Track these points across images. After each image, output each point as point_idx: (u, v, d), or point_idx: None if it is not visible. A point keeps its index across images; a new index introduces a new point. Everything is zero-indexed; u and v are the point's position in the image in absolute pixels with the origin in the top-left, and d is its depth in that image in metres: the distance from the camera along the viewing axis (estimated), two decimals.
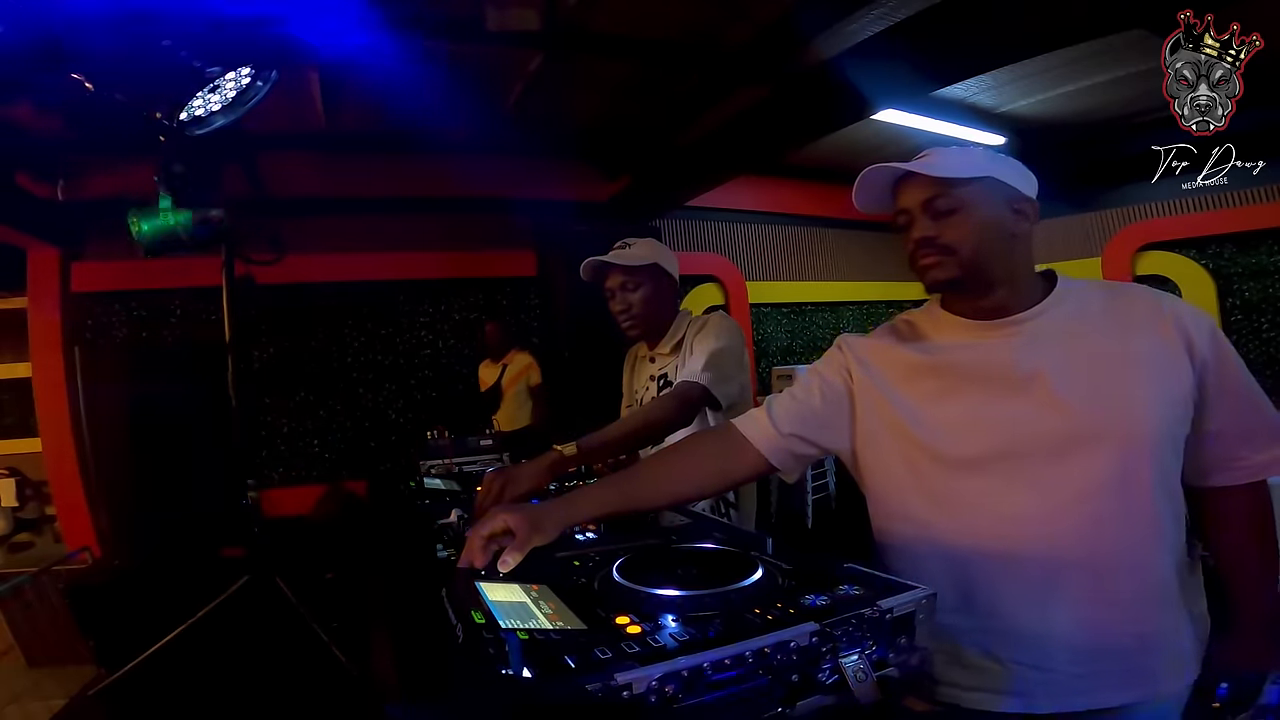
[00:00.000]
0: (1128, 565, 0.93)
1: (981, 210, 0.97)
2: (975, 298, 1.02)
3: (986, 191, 0.97)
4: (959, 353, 1.03)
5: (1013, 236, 0.99)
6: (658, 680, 0.61)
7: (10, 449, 4.74)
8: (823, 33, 3.03)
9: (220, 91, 1.80)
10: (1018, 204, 0.99)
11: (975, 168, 0.97)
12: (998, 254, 0.98)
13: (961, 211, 0.97)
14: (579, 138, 4.61)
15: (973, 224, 0.97)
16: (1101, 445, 0.92)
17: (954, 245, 0.97)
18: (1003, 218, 0.98)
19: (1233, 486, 1.00)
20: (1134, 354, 0.94)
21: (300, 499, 4.47)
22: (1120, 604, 0.93)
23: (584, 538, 1.17)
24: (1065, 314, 0.99)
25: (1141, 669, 0.93)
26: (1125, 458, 0.92)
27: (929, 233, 0.99)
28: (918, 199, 0.99)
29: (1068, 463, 0.93)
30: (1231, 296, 4.80)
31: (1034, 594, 0.94)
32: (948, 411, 1.01)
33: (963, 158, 0.99)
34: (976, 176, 0.97)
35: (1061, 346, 0.96)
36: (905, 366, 1.07)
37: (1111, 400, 0.93)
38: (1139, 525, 0.93)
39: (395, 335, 4.84)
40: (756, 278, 5.99)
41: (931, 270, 1.00)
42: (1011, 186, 0.98)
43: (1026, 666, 0.95)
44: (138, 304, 4.32)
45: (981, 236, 0.97)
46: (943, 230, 0.98)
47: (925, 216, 0.99)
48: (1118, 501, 0.92)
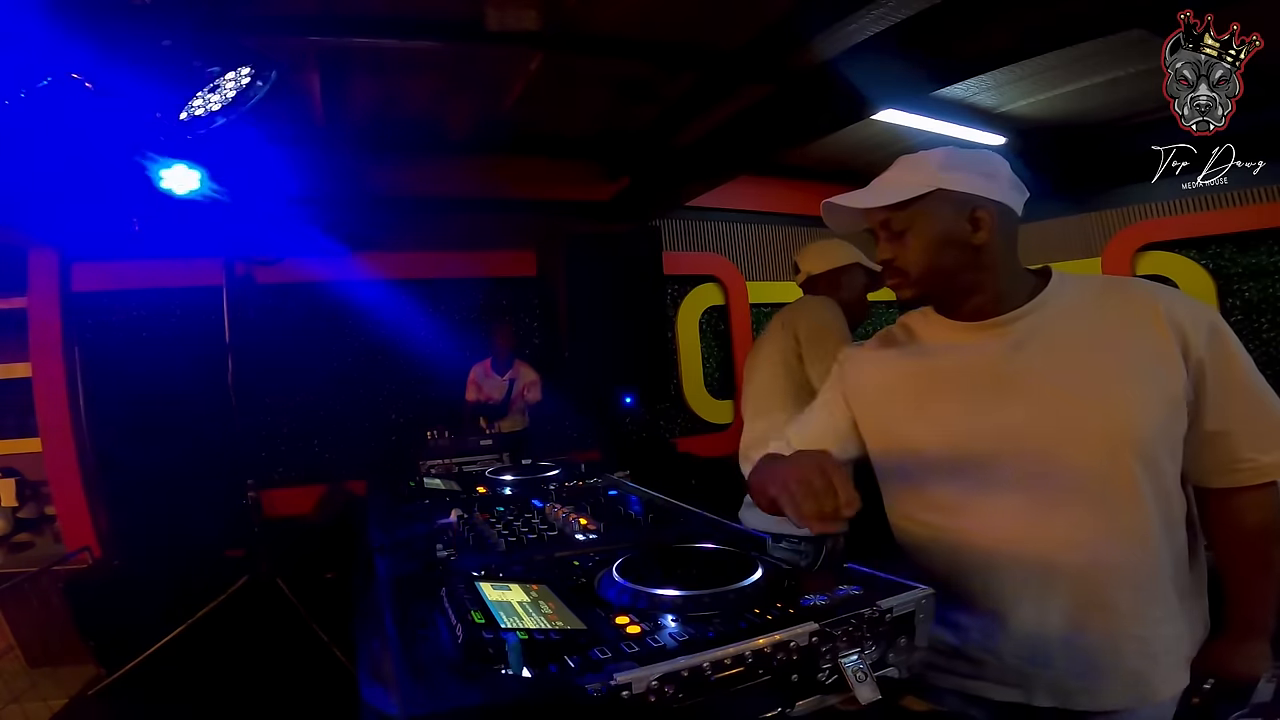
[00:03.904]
0: (1117, 567, 0.92)
1: (930, 227, 0.98)
2: (951, 305, 1.04)
3: (935, 206, 0.97)
4: (945, 355, 1.04)
5: (972, 245, 0.97)
6: (658, 680, 0.61)
7: (10, 449, 4.73)
8: (823, 33, 3.03)
9: (220, 91, 1.79)
10: (976, 211, 0.97)
11: (918, 185, 0.97)
12: (957, 265, 0.98)
13: (910, 232, 0.99)
14: (579, 138, 4.61)
15: (922, 243, 0.98)
16: (1084, 446, 0.92)
17: (905, 267, 1.00)
18: (955, 229, 0.97)
19: (1240, 489, 0.96)
20: (1121, 353, 0.93)
21: (300, 499, 4.47)
22: (1111, 606, 0.92)
23: (584, 538, 1.17)
24: (1054, 313, 0.98)
25: (1137, 673, 0.93)
26: (1108, 458, 0.91)
27: (887, 255, 1.02)
28: (876, 220, 1.03)
29: (1051, 463, 0.93)
30: (1231, 296, 4.79)
31: (1027, 594, 0.95)
32: (933, 414, 1.02)
33: (911, 173, 0.99)
34: (920, 195, 0.97)
35: (1046, 346, 0.96)
36: (895, 373, 1.09)
37: (1094, 400, 0.92)
38: (1126, 527, 0.92)
39: (395, 335, 4.84)
40: (756, 278, 5.99)
41: (896, 290, 1.04)
42: (966, 194, 0.96)
43: (1025, 662, 0.96)
44: (138, 304, 4.32)
45: (933, 253, 0.98)
46: (898, 251, 1.01)
47: (885, 238, 1.02)
48: (1102, 502, 0.92)
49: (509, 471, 1.85)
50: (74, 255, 4.15)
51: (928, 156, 1.00)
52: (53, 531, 4.27)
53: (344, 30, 2.93)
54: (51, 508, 4.22)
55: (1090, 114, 4.48)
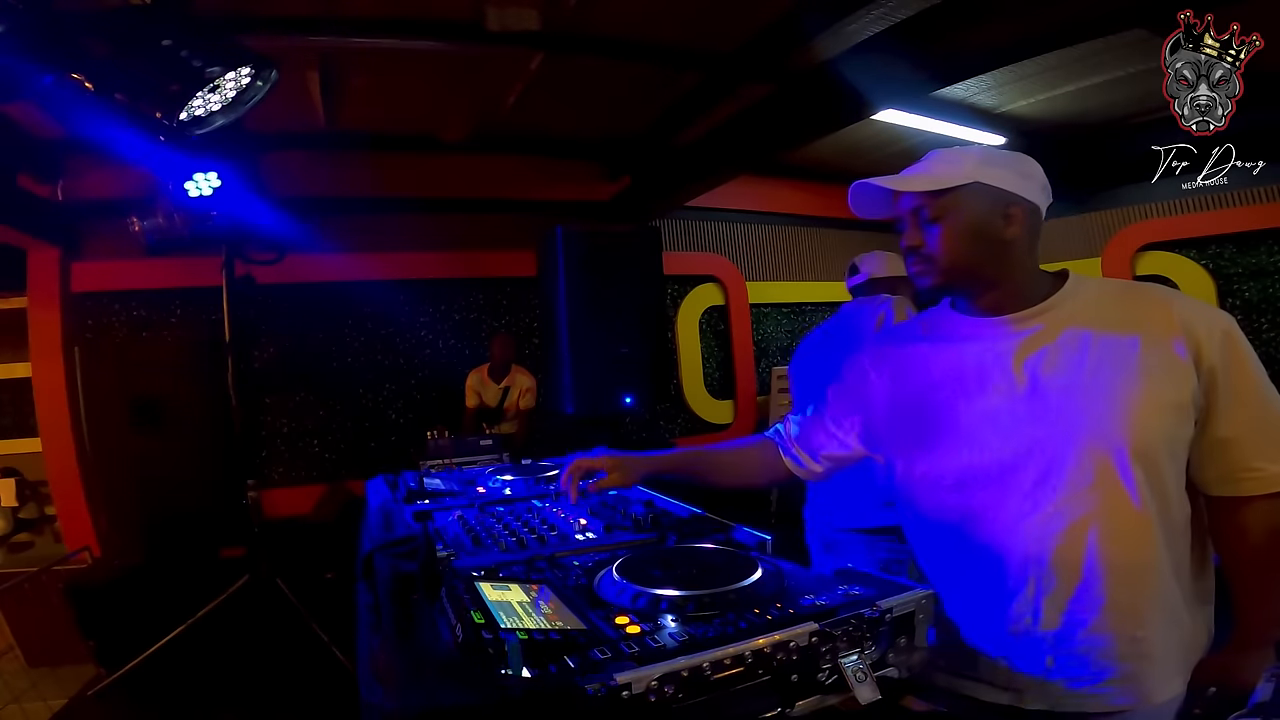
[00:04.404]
0: (1118, 569, 0.92)
1: (965, 218, 0.98)
2: (969, 298, 1.05)
3: (971, 198, 0.98)
4: (963, 350, 1.05)
5: (1002, 240, 0.99)
6: (658, 680, 0.61)
7: (10, 449, 4.73)
8: (823, 33, 3.03)
9: (220, 91, 1.79)
10: (1010, 207, 0.99)
11: (960, 176, 0.98)
12: (986, 258, 1.00)
13: (944, 220, 0.99)
14: (579, 138, 4.61)
15: (955, 232, 0.99)
16: (1085, 448, 0.92)
17: (935, 254, 1.00)
18: (989, 223, 0.99)
19: (1246, 498, 0.95)
20: (1130, 357, 0.93)
21: (300, 499, 4.47)
22: (1112, 608, 0.92)
23: (584, 538, 1.18)
24: (1067, 313, 0.99)
25: (1136, 674, 0.93)
26: (1110, 461, 0.91)
27: (914, 241, 1.02)
28: (908, 207, 1.03)
29: (1052, 464, 0.93)
30: (1231, 296, 4.79)
31: (1023, 592, 0.95)
32: (949, 409, 1.03)
33: (950, 166, 1.00)
34: (960, 185, 0.98)
35: (1055, 347, 0.97)
36: (916, 365, 1.10)
37: (1098, 403, 0.92)
38: (1127, 531, 0.92)
39: (395, 335, 4.84)
40: (756, 278, 5.99)
41: (918, 277, 1.04)
42: (1002, 190, 0.98)
43: (1016, 664, 0.96)
44: (138, 304, 4.32)
45: (964, 244, 0.99)
46: (927, 238, 1.01)
47: (914, 225, 1.03)
48: (1102, 506, 0.92)
49: (509, 471, 1.85)
50: (74, 255, 4.16)
51: (966, 151, 1.02)
52: (53, 531, 4.28)
53: (344, 30, 2.94)
54: (51, 508, 4.22)
55: (1090, 114, 4.48)
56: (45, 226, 3.94)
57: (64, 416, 4.01)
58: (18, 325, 4.10)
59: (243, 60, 1.75)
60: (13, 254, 4.00)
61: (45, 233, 3.95)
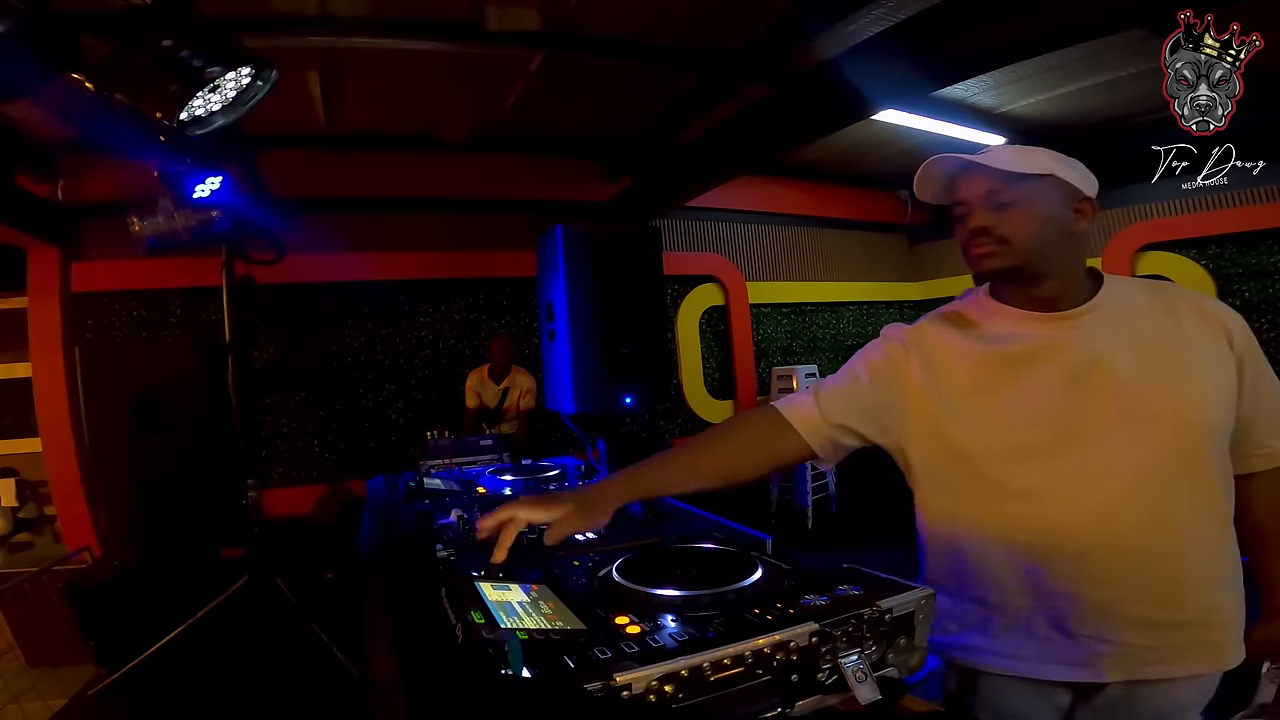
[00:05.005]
0: (1194, 546, 0.96)
1: (1041, 206, 1.01)
2: (1027, 287, 1.05)
3: (1047, 189, 1.01)
4: (1018, 342, 1.04)
5: (1070, 233, 1.02)
6: (658, 680, 0.61)
7: (10, 449, 4.74)
8: (823, 33, 3.03)
9: (220, 91, 1.79)
10: (1078, 203, 1.02)
11: (1038, 166, 1.01)
12: (1053, 249, 1.02)
13: (1021, 205, 1.01)
14: (579, 138, 4.61)
15: (1031, 218, 1.01)
16: (1163, 431, 0.95)
17: (1010, 237, 1.01)
18: (1061, 215, 1.02)
19: (1257, 474, 1.05)
20: (1188, 344, 0.99)
21: (300, 499, 4.48)
22: (1189, 582, 0.96)
23: (584, 538, 1.17)
24: (1117, 309, 1.03)
25: (1210, 642, 0.98)
26: (1187, 442, 0.96)
27: (986, 223, 1.02)
28: (978, 191, 1.03)
29: (1130, 449, 0.95)
30: (1231, 296, 4.78)
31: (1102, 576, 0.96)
32: (1007, 401, 1.01)
33: (1027, 156, 1.02)
34: (1038, 174, 1.01)
35: (1118, 337, 1.00)
36: (963, 357, 1.06)
37: (1171, 387, 0.97)
38: (1203, 507, 0.97)
39: (395, 335, 4.84)
40: (756, 278, 5.99)
41: (985, 259, 1.03)
42: (1073, 186, 1.02)
43: (1096, 640, 0.97)
44: (138, 304, 4.32)
45: (1039, 230, 1.01)
46: (1000, 221, 1.01)
47: (984, 208, 1.03)
48: (1182, 485, 0.96)
49: (509, 471, 1.85)
50: (74, 255, 4.16)
51: (1039, 148, 1.05)
52: (53, 531, 4.28)
53: (344, 30, 2.94)
54: (51, 508, 4.22)
55: (1090, 114, 4.48)
56: (45, 226, 3.94)
57: (64, 416, 4.02)
58: (18, 325, 4.11)
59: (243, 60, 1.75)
60: (13, 254, 4.00)
61: (45, 233, 3.95)
